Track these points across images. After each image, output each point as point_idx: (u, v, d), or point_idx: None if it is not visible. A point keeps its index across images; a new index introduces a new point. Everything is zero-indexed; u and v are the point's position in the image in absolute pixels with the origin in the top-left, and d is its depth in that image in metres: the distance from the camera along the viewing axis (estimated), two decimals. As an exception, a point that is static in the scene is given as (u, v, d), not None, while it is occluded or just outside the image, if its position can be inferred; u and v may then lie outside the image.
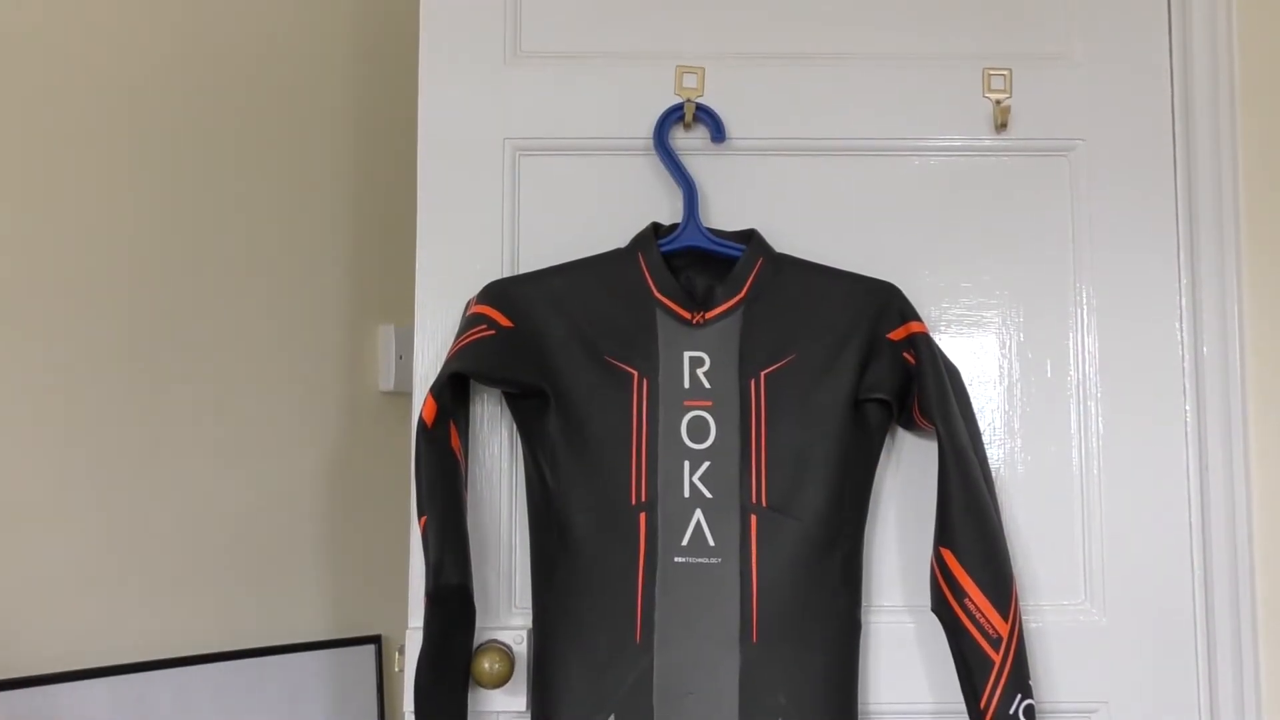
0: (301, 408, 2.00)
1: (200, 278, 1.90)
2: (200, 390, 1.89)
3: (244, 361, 1.94)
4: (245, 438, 1.93)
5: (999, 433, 1.56)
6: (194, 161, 1.89)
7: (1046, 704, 1.50)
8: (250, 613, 1.92)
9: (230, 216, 1.93)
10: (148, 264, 1.84)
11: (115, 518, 1.80)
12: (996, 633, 1.39)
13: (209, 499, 1.89)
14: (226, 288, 1.92)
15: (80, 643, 1.76)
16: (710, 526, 1.38)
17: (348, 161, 2.07)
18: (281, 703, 1.92)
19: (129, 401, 1.82)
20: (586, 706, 1.37)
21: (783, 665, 1.36)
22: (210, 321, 1.90)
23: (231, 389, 1.92)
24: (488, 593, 1.50)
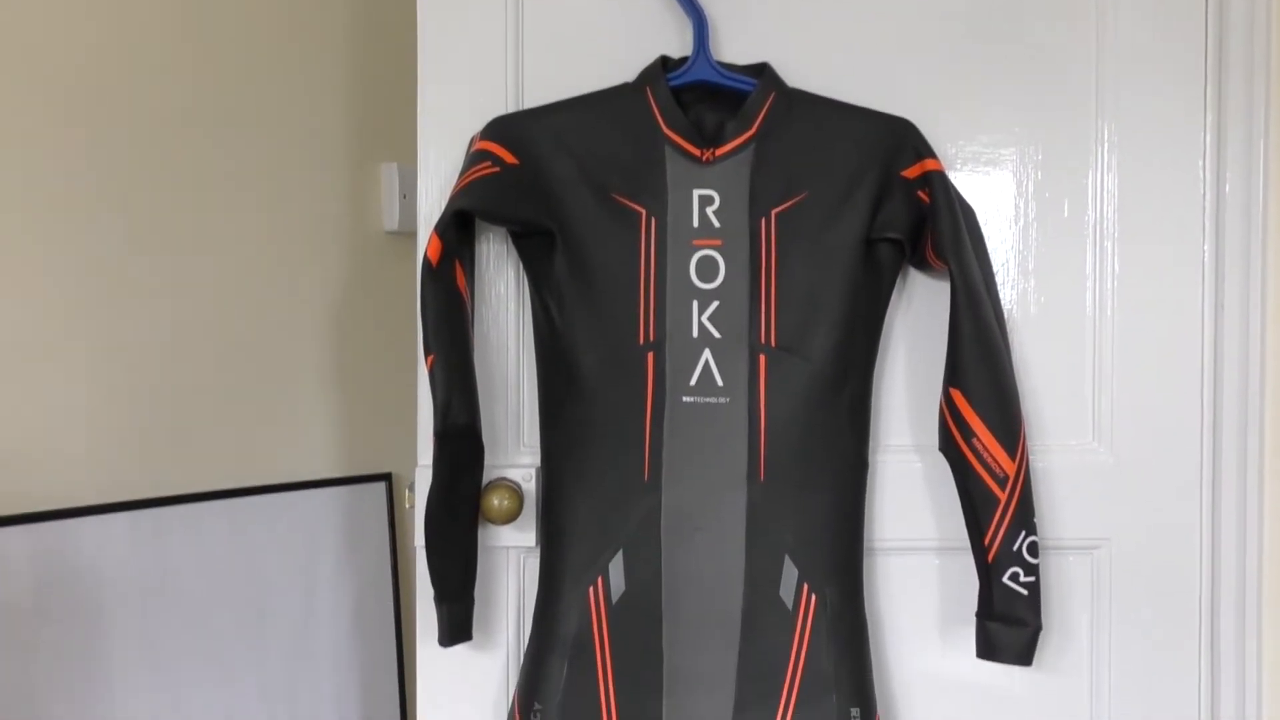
0: (307, 249, 1.99)
1: (202, 116, 1.86)
2: (203, 231, 1.87)
3: (248, 204, 1.92)
4: (251, 280, 1.93)
5: (1013, 273, 1.54)
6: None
7: (1050, 541, 1.52)
8: (263, 451, 1.94)
9: (231, 55, 1.89)
10: (150, 96, 1.81)
11: (129, 356, 1.81)
12: (1003, 472, 1.39)
13: (217, 340, 1.90)
14: (229, 127, 1.89)
15: (98, 478, 1.79)
16: (718, 366, 1.38)
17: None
18: (296, 538, 1.95)
19: (134, 238, 1.81)
20: (595, 543, 1.39)
21: (790, 504, 1.37)
22: (213, 161, 1.88)
23: (235, 231, 1.91)
24: (496, 431, 1.51)
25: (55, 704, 1.72)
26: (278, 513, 1.94)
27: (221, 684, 1.86)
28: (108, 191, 1.78)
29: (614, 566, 1.38)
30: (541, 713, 1.38)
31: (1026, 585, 1.40)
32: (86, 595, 1.76)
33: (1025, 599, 1.40)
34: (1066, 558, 1.55)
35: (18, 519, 1.70)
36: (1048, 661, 1.53)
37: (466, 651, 1.51)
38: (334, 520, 1.99)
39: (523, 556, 1.53)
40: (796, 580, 1.37)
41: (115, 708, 1.77)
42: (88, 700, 1.75)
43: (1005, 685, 1.54)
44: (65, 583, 1.74)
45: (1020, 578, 1.40)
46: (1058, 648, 1.55)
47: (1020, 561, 1.40)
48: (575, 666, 1.38)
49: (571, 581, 1.39)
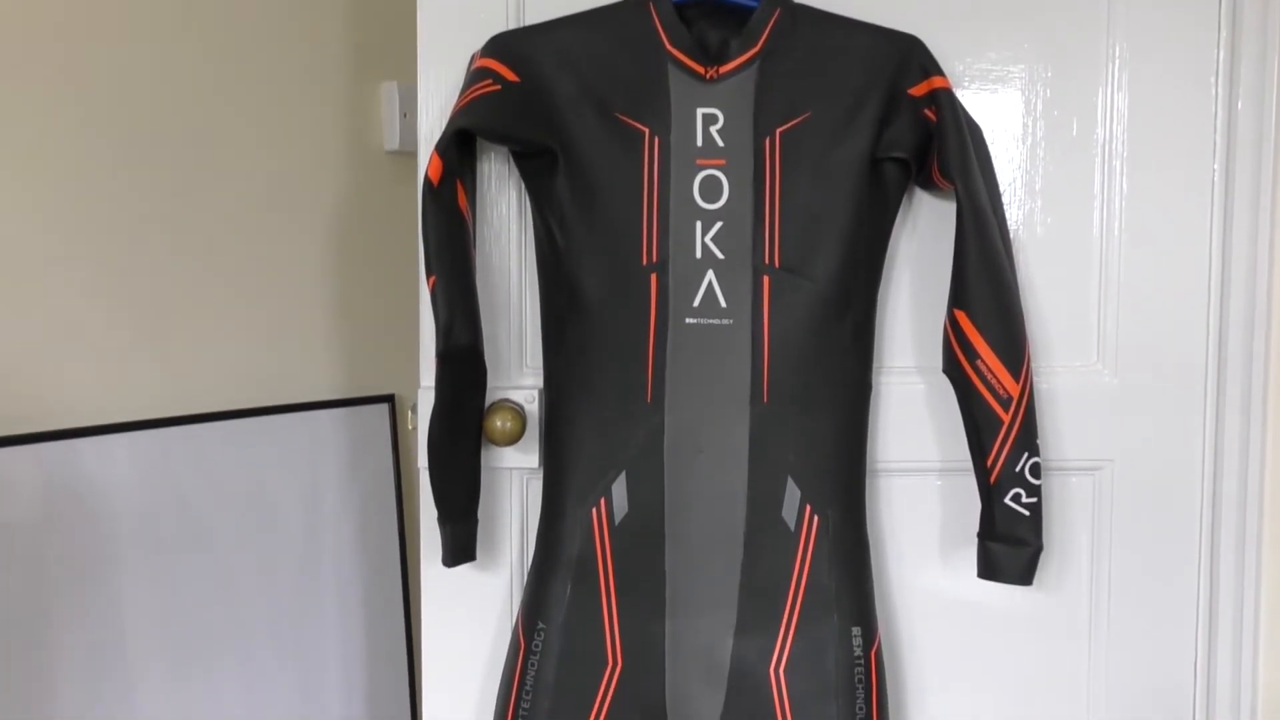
0: (307, 169, 1.97)
1: (201, 35, 1.84)
2: (203, 151, 1.85)
3: (247, 122, 1.90)
4: (251, 200, 1.91)
5: (1019, 193, 1.52)
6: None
7: (1053, 461, 1.52)
8: (265, 373, 1.94)
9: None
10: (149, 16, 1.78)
11: (130, 277, 1.81)
12: (1007, 393, 1.39)
13: (218, 261, 1.89)
14: (228, 46, 1.87)
15: (102, 399, 1.79)
16: (722, 287, 1.37)
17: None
18: (299, 459, 1.96)
19: (133, 157, 1.79)
20: (598, 464, 1.39)
21: (792, 425, 1.37)
22: (212, 81, 1.85)
23: (236, 151, 1.89)
24: (498, 352, 1.51)
25: (65, 619, 1.74)
26: (281, 434, 1.94)
27: (228, 602, 1.88)
28: (107, 111, 1.76)
29: (617, 488, 1.38)
30: (545, 631, 1.39)
31: (1028, 506, 1.40)
32: (93, 514, 1.77)
33: (1027, 520, 1.40)
34: (1069, 478, 1.55)
35: (23, 439, 1.71)
36: (1048, 581, 1.54)
37: (470, 571, 1.52)
38: (337, 442, 2.00)
39: (526, 478, 1.53)
40: (799, 501, 1.37)
41: (124, 623, 1.79)
42: (96, 616, 1.77)
43: (1005, 605, 1.55)
44: (72, 502, 1.75)
45: (1022, 499, 1.40)
46: (1058, 568, 1.55)
47: (1022, 483, 1.40)
48: (578, 587, 1.39)
49: (574, 503, 1.40)
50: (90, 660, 1.77)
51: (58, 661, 1.74)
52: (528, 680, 1.40)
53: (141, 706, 1.81)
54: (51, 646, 1.73)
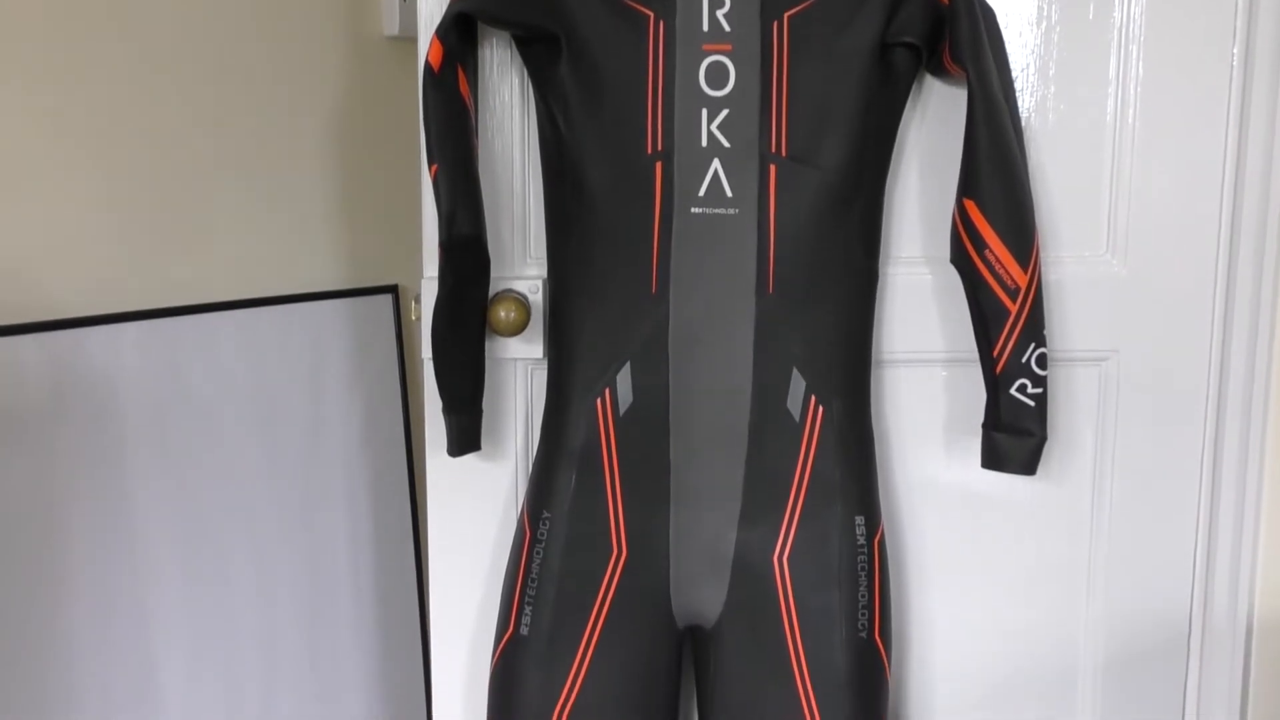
0: (306, 55, 1.93)
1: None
2: (201, 40, 1.82)
3: (244, 12, 1.86)
4: (250, 88, 1.88)
5: (1032, 79, 1.49)
6: None
7: (1059, 352, 1.51)
8: (267, 263, 1.93)
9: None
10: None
11: (131, 166, 1.79)
12: (1015, 284, 1.38)
13: (218, 150, 1.87)
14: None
15: (108, 288, 1.79)
16: (728, 176, 1.35)
17: None
18: (304, 350, 1.96)
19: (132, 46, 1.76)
20: (602, 355, 1.38)
21: (798, 316, 1.36)
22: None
23: (233, 38, 1.85)
24: (502, 242, 1.50)
25: (75, 508, 1.76)
26: (285, 325, 1.94)
27: (235, 490, 1.90)
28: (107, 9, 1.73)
29: (621, 378, 1.38)
30: (550, 521, 1.41)
31: (1034, 397, 1.40)
32: (100, 403, 1.78)
33: (1032, 410, 1.40)
34: (1075, 369, 1.55)
35: (28, 328, 1.71)
36: (1052, 471, 1.55)
37: (475, 461, 1.53)
38: (341, 332, 1.99)
39: (530, 368, 1.53)
40: (804, 392, 1.37)
41: (133, 511, 1.81)
42: (106, 503, 1.79)
43: (1008, 495, 1.56)
44: (79, 391, 1.76)
45: (1028, 389, 1.40)
46: (1062, 458, 1.56)
47: (1028, 373, 1.40)
48: (583, 477, 1.40)
49: (579, 393, 1.40)
50: (101, 548, 1.79)
51: (69, 549, 1.76)
52: (533, 568, 1.41)
53: (153, 594, 1.83)
54: (63, 534, 1.76)
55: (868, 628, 1.40)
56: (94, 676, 1.79)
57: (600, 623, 1.40)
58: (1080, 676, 1.61)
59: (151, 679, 1.84)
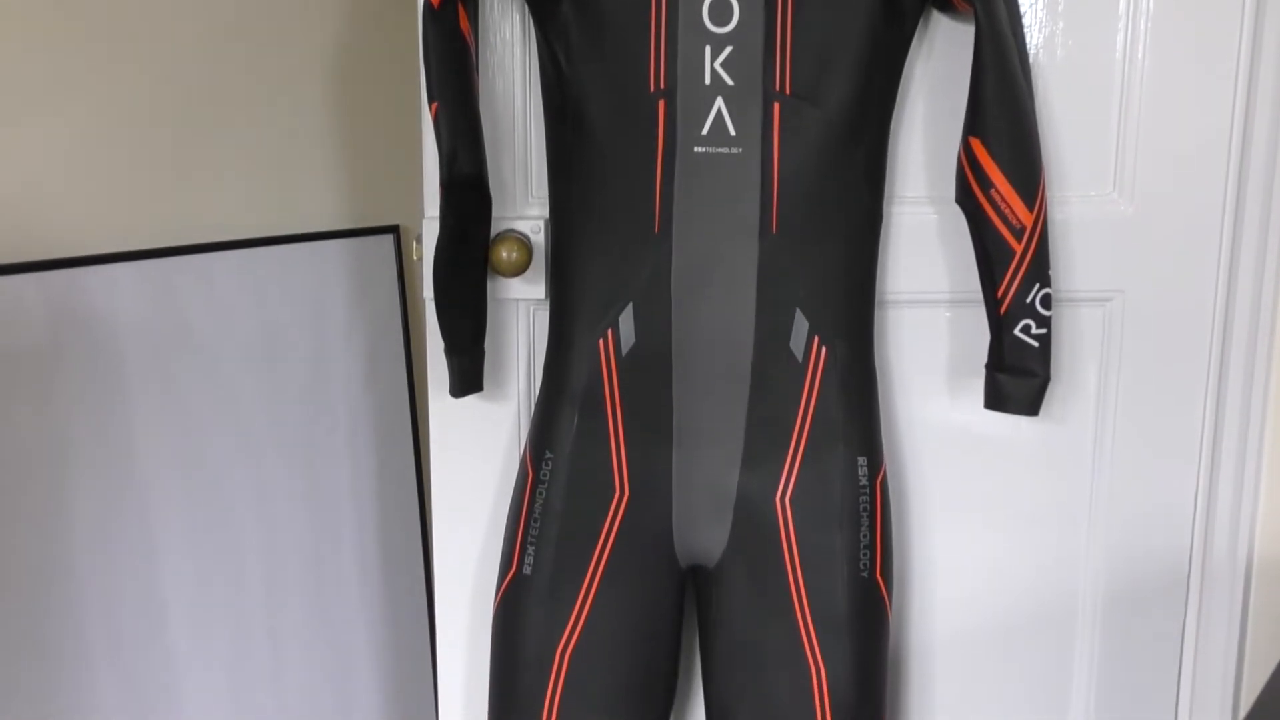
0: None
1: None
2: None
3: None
4: (249, 23, 1.86)
5: (1040, 14, 1.47)
6: None
7: (1064, 293, 1.50)
8: (269, 203, 1.92)
9: None
10: None
11: (131, 102, 1.78)
12: (1020, 223, 1.37)
13: (218, 87, 1.85)
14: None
15: (108, 227, 1.78)
16: (731, 115, 1.33)
17: None
18: (305, 290, 1.95)
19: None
20: (604, 295, 1.38)
21: (801, 256, 1.36)
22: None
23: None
24: (503, 182, 1.48)
25: (77, 445, 1.77)
26: (286, 265, 1.93)
27: (237, 430, 1.90)
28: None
29: (624, 319, 1.37)
30: (553, 461, 1.41)
31: (1037, 337, 1.40)
32: (101, 344, 1.78)
33: (1035, 351, 1.40)
34: (1079, 309, 1.54)
35: (28, 266, 1.70)
36: (1054, 412, 1.55)
37: (478, 402, 1.53)
38: (342, 273, 1.99)
39: (532, 309, 1.53)
40: (807, 333, 1.37)
41: (136, 452, 1.82)
42: (109, 445, 1.79)
43: (1011, 435, 1.56)
44: (78, 331, 1.76)
45: (1032, 330, 1.40)
46: (1065, 399, 1.56)
47: (1032, 314, 1.39)
48: (585, 417, 1.39)
49: (581, 334, 1.39)
50: (105, 489, 1.80)
51: (72, 487, 1.77)
52: (536, 508, 1.41)
53: (156, 534, 1.84)
54: (65, 472, 1.76)
55: (869, 567, 1.40)
56: (100, 614, 1.80)
57: (603, 563, 1.40)
58: (1080, 615, 1.62)
59: (158, 616, 1.85)
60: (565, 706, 1.40)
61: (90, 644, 1.79)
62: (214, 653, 1.90)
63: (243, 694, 1.93)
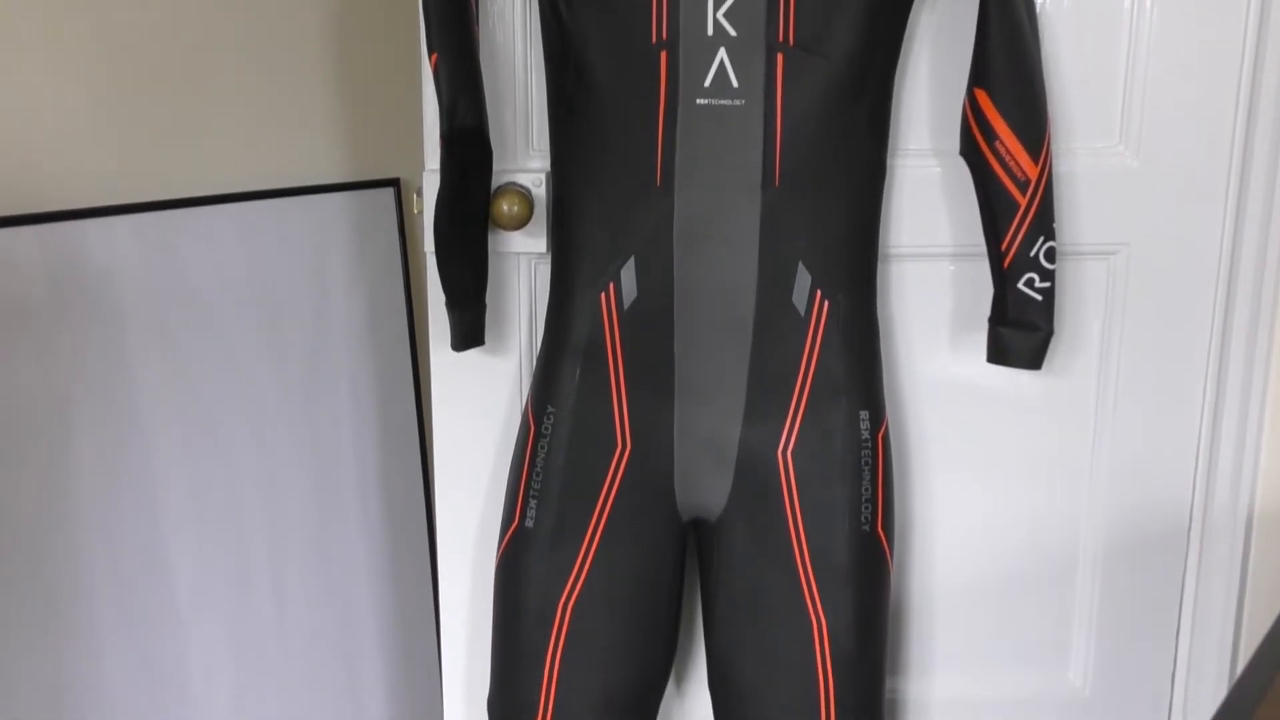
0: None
1: None
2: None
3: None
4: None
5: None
6: None
7: (1068, 246, 1.50)
8: (268, 155, 1.91)
9: None
10: None
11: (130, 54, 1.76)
12: (1025, 176, 1.36)
13: (216, 39, 1.83)
14: None
15: (106, 180, 1.77)
16: (734, 66, 1.32)
17: None
18: (305, 243, 1.94)
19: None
20: (606, 249, 1.37)
21: (804, 209, 1.35)
22: None
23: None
24: (504, 134, 1.47)
25: (78, 398, 1.77)
26: (287, 218, 1.92)
27: (238, 383, 1.90)
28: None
29: (625, 273, 1.37)
30: (554, 415, 1.40)
31: (1041, 291, 1.39)
32: (101, 296, 1.77)
33: (1039, 304, 1.40)
34: (1083, 263, 1.53)
35: (26, 219, 1.69)
36: (1057, 366, 1.54)
37: (479, 356, 1.53)
38: (343, 226, 1.98)
39: (534, 262, 1.52)
40: (809, 286, 1.36)
41: (139, 405, 1.82)
42: (111, 398, 1.79)
43: (1013, 389, 1.56)
44: (77, 283, 1.75)
45: (1035, 283, 1.39)
46: (1068, 352, 1.55)
47: (1036, 267, 1.39)
48: (587, 371, 1.39)
49: (583, 287, 1.38)
50: (107, 440, 1.80)
51: (75, 440, 1.77)
52: (538, 462, 1.41)
53: (160, 487, 1.85)
54: (67, 425, 1.76)
55: (870, 521, 1.41)
56: (104, 562, 1.81)
57: (604, 516, 1.40)
58: (1080, 567, 1.63)
59: (161, 566, 1.86)
60: (567, 658, 1.41)
61: (94, 593, 1.80)
62: (217, 603, 1.91)
63: (246, 647, 1.94)
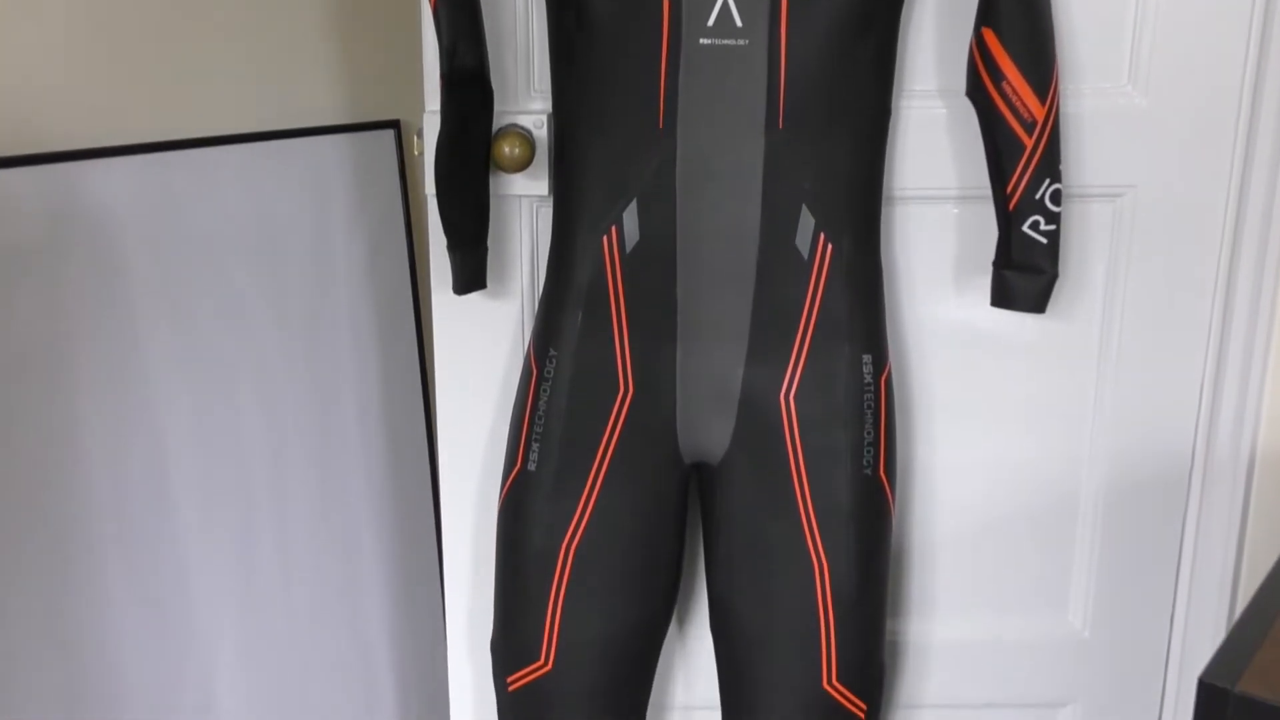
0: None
1: None
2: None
3: None
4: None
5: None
6: None
7: (1074, 188, 1.48)
8: (266, 97, 1.89)
9: None
10: None
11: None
12: (1032, 117, 1.35)
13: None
14: None
15: (105, 121, 1.75)
16: (738, 5, 1.30)
17: None
18: (305, 186, 1.93)
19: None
20: (608, 191, 1.36)
21: (808, 151, 1.33)
22: None
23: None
24: (505, 76, 1.46)
25: (81, 339, 1.76)
26: (285, 160, 1.91)
27: (241, 327, 1.90)
28: None
29: (628, 215, 1.36)
30: (557, 358, 1.40)
31: (1046, 234, 1.38)
32: (101, 239, 1.77)
33: (1044, 247, 1.39)
34: (1089, 205, 1.52)
35: (22, 160, 1.68)
36: (1061, 309, 1.54)
37: (481, 299, 1.52)
38: (343, 169, 1.96)
39: (535, 205, 1.51)
40: (813, 229, 1.35)
41: (141, 347, 1.81)
42: (112, 341, 1.79)
43: (1016, 333, 1.56)
44: (77, 226, 1.74)
45: (1041, 226, 1.38)
46: (1072, 296, 1.55)
47: (1042, 210, 1.38)
48: (589, 314, 1.39)
49: (585, 230, 1.38)
50: (109, 382, 1.80)
51: (78, 382, 1.77)
52: (540, 406, 1.41)
53: (163, 428, 1.85)
54: (71, 367, 1.76)
55: (873, 464, 1.41)
56: (108, 502, 1.82)
57: (607, 459, 1.41)
58: (1081, 510, 1.63)
59: (165, 505, 1.87)
60: (570, 601, 1.42)
61: (99, 532, 1.81)
62: (221, 543, 1.92)
63: (250, 587, 1.96)
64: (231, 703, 1.95)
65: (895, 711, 1.68)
